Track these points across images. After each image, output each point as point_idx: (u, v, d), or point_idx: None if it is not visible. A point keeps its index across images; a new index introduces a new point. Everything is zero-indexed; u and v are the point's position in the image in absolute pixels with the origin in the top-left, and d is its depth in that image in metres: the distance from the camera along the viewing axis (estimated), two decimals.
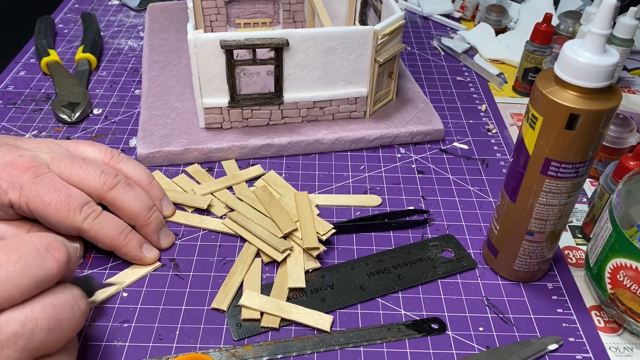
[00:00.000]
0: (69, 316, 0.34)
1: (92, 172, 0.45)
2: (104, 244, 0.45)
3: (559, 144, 0.38)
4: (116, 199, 0.46)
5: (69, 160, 0.46)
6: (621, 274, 0.41)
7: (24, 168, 0.43)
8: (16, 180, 0.42)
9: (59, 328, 0.34)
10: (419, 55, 0.79)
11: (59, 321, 0.33)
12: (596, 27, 0.35)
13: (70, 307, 0.34)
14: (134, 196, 0.47)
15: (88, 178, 0.45)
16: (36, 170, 0.43)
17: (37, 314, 0.32)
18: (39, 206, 0.42)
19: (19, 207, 0.43)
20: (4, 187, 0.42)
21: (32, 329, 0.32)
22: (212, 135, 0.59)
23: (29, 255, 0.33)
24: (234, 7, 0.71)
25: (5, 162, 0.43)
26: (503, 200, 0.45)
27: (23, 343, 0.32)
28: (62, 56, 0.75)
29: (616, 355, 0.43)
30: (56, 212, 0.43)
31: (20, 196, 0.42)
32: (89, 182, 0.45)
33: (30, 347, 0.32)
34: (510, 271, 0.47)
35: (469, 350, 0.42)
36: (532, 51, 0.68)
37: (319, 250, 0.47)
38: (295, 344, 0.42)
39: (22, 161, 0.43)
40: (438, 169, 0.59)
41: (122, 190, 0.46)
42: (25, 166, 0.43)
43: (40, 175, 0.43)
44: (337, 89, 0.60)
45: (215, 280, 0.47)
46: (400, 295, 0.46)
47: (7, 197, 0.42)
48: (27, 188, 0.42)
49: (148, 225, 0.47)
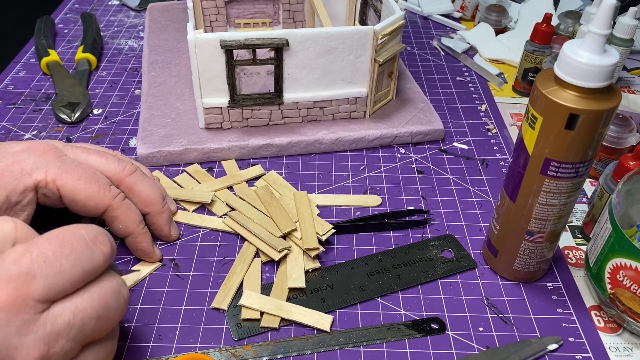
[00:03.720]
0: (114, 304, 0.35)
1: (110, 158, 0.46)
2: (125, 227, 0.45)
3: (559, 144, 0.38)
4: (135, 184, 0.46)
5: (83, 149, 0.46)
6: (621, 274, 0.42)
7: (43, 150, 0.43)
8: (40, 160, 0.42)
9: (106, 316, 0.34)
10: (419, 55, 0.79)
11: (106, 309, 0.34)
12: (596, 27, 0.35)
13: (115, 295, 0.35)
14: (151, 183, 0.48)
15: (107, 163, 0.45)
16: (56, 152, 0.43)
17: (87, 303, 0.33)
18: (68, 182, 0.42)
19: (45, 186, 0.42)
20: (27, 168, 0.42)
21: (82, 318, 0.33)
22: (212, 135, 0.59)
23: (79, 248, 0.33)
24: (234, 7, 0.71)
25: (20, 148, 0.43)
26: (503, 200, 0.45)
27: (75, 332, 0.33)
28: (62, 56, 0.75)
29: (616, 355, 0.43)
30: (87, 187, 0.42)
31: (47, 174, 0.42)
32: (108, 166, 0.45)
33: (81, 336, 0.33)
34: (510, 271, 0.47)
35: (468, 350, 0.42)
36: (532, 51, 0.68)
37: (318, 250, 0.47)
38: (295, 344, 0.42)
39: (38, 145, 0.43)
40: (438, 169, 0.59)
41: (140, 177, 0.47)
42: (43, 148, 0.43)
43: (61, 156, 0.43)
44: (337, 89, 0.60)
45: (215, 280, 0.47)
46: (400, 295, 0.46)
47: (32, 178, 0.42)
48: (53, 165, 0.42)
49: (163, 213, 0.48)
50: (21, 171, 0.42)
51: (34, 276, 0.31)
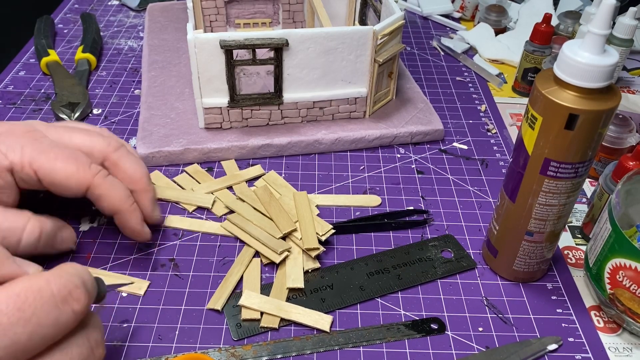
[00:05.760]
0: None
1: (94, 135, 0.44)
2: (110, 205, 0.43)
3: (559, 144, 0.38)
4: (120, 159, 0.45)
5: (66, 128, 0.44)
6: (620, 274, 0.42)
7: (22, 132, 0.41)
8: (16, 142, 0.40)
9: None
10: (418, 55, 0.79)
11: None
12: (596, 27, 0.35)
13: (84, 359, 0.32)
14: (136, 160, 0.46)
15: (91, 139, 0.44)
16: (34, 134, 0.41)
17: None
18: (44, 163, 0.40)
19: (20, 169, 0.40)
20: (2, 150, 0.40)
21: None
22: (212, 135, 0.59)
23: (43, 311, 0.29)
24: (234, 7, 0.71)
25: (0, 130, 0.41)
26: (502, 201, 0.45)
27: None
28: (62, 56, 0.75)
29: (615, 355, 0.43)
30: (65, 167, 0.40)
31: (23, 156, 0.40)
32: (92, 142, 0.44)
33: None
34: (510, 271, 0.47)
35: (468, 350, 0.42)
36: (531, 51, 0.68)
37: (318, 251, 0.47)
38: (295, 344, 0.42)
39: (17, 128, 0.42)
40: (438, 169, 0.59)
41: (126, 153, 0.45)
42: (22, 131, 0.41)
43: (39, 138, 0.41)
44: (337, 89, 0.60)
45: (215, 280, 0.47)
46: (400, 296, 0.46)
47: (7, 161, 0.40)
48: (28, 147, 0.40)
49: (148, 192, 0.46)
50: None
51: None
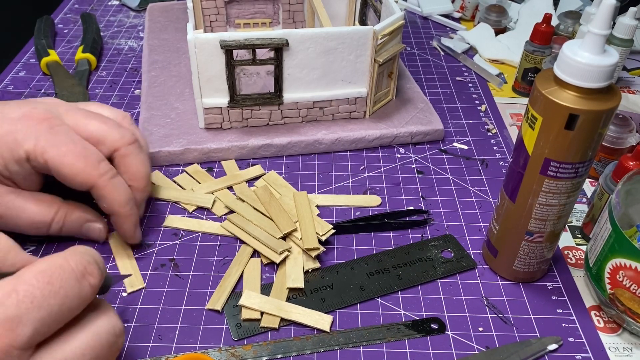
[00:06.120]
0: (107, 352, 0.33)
1: (111, 124, 0.45)
2: (110, 207, 0.44)
3: (559, 144, 0.38)
4: (129, 155, 0.45)
5: (84, 113, 0.45)
6: (620, 274, 0.42)
7: (39, 119, 0.42)
8: (32, 131, 0.41)
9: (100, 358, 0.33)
10: (418, 55, 0.79)
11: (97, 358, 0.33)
12: (596, 27, 0.35)
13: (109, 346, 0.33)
14: (144, 160, 0.47)
15: (107, 129, 0.45)
16: (51, 122, 0.42)
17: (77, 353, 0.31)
18: (54, 156, 0.41)
19: (34, 159, 0.41)
20: (19, 139, 0.41)
21: None
22: (212, 135, 0.59)
23: (68, 284, 0.31)
24: (234, 7, 0.71)
25: (19, 115, 0.42)
26: (502, 201, 0.45)
27: None
28: (62, 56, 0.75)
29: (616, 355, 0.43)
30: (73, 164, 0.41)
31: (36, 146, 0.41)
32: (107, 132, 0.44)
33: None
34: (510, 271, 0.47)
35: (468, 350, 0.42)
36: (531, 51, 0.68)
37: (318, 250, 0.47)
38: (295, 344, 0.42)
39: (36, 112, 0.42)
40: (438, 169, 0.59)
41: (136, 150, 0.46)
42: (40, 117, 0.42)
43: (55, 126, 0.42)
44: (337, 89, 0.60)
45: (215, 280, 0.47)
46: (400, 296, 0.46)
47: (23, 149, 0.41)
48: (43, 137, 0.41)
49: (144, 192, 0.47)
50: (14, 142, 0.41)
51: (20, 321, 0.29)
